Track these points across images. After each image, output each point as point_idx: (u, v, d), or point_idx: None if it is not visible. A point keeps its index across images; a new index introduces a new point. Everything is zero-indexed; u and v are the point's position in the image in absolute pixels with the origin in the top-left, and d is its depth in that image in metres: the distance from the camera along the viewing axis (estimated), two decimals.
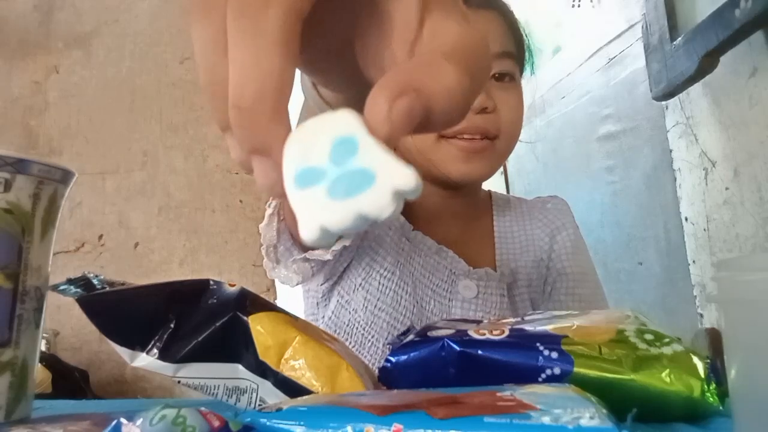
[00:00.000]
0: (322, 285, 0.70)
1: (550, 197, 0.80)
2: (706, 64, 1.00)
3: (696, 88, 1.12)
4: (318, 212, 0.19)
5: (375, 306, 0.67)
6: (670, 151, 1.25)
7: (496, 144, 0.68)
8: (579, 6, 1.64)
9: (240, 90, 0.18)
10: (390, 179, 0.19)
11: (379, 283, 0.67)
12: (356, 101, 0.20)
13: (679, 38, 1.07)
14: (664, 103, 1.24)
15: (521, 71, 0.74)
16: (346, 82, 0.25)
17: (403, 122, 0.19)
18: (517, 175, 2.10)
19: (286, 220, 0.59)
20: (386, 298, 0.67)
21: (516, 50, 0.71)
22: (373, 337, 0.67)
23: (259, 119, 0.19)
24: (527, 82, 0.75)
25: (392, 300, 0.67)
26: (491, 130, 0.66)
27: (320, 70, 0.26)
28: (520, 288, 0.71)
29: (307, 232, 0.19)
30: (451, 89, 0.19)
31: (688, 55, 1.03)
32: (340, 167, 0.19)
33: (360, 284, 0.68)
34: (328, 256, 0.59)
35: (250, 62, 0.18)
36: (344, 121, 0.19)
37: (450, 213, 0.73)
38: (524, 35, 0.74)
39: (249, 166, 0.20)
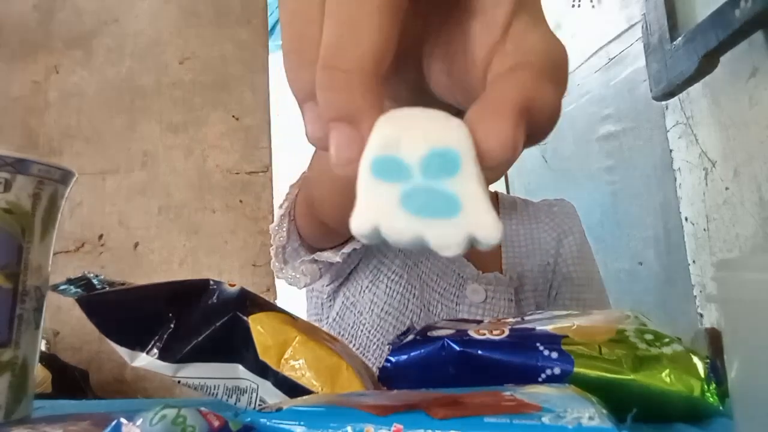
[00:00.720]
0: (327, 286, 0.70)
1: (556, 200, 0.80)
2: (706, 64, 1.00)
3: (696, 88, 1.12)
4: (380, 211, 0.17)
5: (381, 309, 0.67)
6: (670, 151, 1.25)
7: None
8: (579, 6, 1.64)
9: (338, 49, 0.17)
10: (473, 222, 0.17)
11: (387, 286, 0.67)
12: None
13: (679, 38, 1.07)
14: (664, 103, 1.24)
15: None
16: (408, 90, 0.23)
17: (521, 149, 0.17)
18: (517, 175, 2.10)
19: (297, 220, 0.59)
20: (393, 302, 0.67)
21: None
22: (378, 340, 0.66)
23: (354, 83, 0.17)
24: None
25: (399, 303, 0.67)
26: None
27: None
28: (526, 292, 0.71)
29: (358, 225, 0.17)
30: (554, 110, 0.18)
31: (688, 55, 1.03)
32: (428, 179, 0.17)
33: (367, 286, 0.68)
34: (338, 259, 0.59)
35: (353, 21, 0.16)
36: (455, 131, 0.17)
37: None
38: None
39: (326, 142, 0.18)
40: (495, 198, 0.80)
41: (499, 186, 2.17)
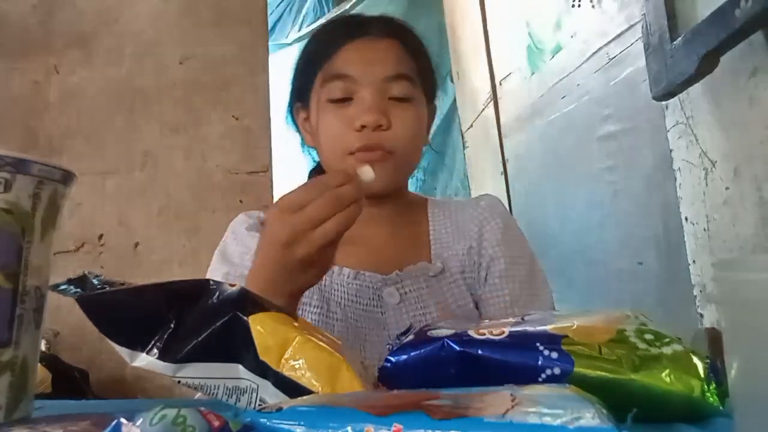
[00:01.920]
0: None
1: (483, 195, 0.87)
2: (706, 64, 1.00)
3: (696, 88, 1.12)
4: None
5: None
6: (670, 151, 1.25)
7: (395, 156, 0.73)
8: (579, 6, 1.64)
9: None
10: None
11: (311, 317, 0.73)
12: None
13: (679, 38, 1.07)
14: (664, 103, 1.24)
15: (429, 93, 0.80)
16: None
17: None
18: (518, 176, 2.10)
19: None
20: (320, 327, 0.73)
21: (416, 74, 0.76)
22: None
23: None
24: (527, 83, 0.76)
25: (326, 329, 0.72)
26: (386, 145, 0.71)
27: None
28: (454, 275, 0.76)
29: None
30: None
31: (688, 55, 1.03)
32: None
33: None
34: None
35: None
36: None
37: (374, 219, 0.78)
38: (430, 60, 0.80)
39: None
40: (424, 202, 0.85)
41: (498, 186, 2.17)
